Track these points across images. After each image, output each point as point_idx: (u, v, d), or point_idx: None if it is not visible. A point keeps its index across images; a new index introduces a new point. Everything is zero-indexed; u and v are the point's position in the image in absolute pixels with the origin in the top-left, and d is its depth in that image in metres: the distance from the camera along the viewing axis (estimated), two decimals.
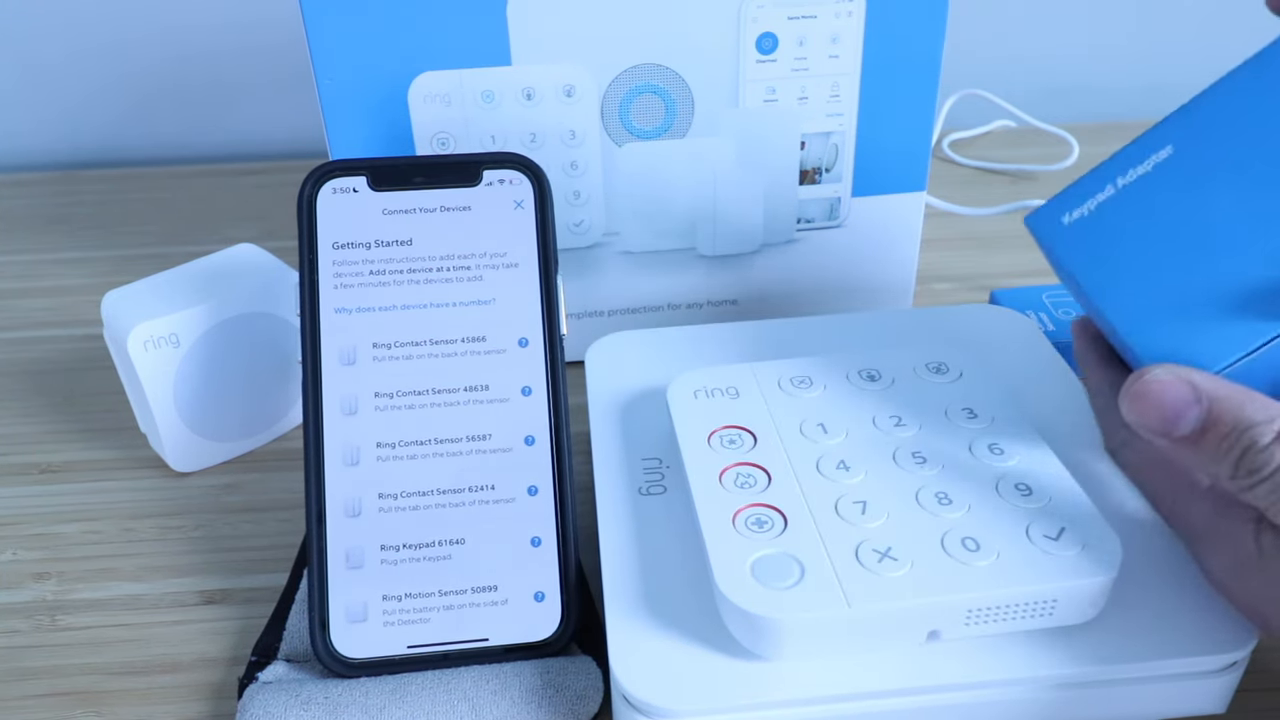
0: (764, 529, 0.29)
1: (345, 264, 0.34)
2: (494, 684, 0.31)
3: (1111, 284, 0.29)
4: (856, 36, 0.43)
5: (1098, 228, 0.29)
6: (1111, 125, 0.75)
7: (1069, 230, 0.30)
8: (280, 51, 0.73)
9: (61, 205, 0.67)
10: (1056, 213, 0.30)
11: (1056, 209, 0.30)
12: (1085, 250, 0.29)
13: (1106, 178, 0.30)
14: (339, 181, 0.35)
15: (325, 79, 0.41)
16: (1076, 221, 0.30)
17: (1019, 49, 0.78)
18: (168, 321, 0.39)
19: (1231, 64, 0.30)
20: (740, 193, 0.46)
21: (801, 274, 0.48)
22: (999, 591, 0.27)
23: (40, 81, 0.73)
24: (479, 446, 0.33)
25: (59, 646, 0.35)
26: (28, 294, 0.57)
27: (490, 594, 0.32)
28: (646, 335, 0.41)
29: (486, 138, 0.43)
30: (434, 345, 0.34)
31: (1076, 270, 0.29)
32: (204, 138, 0.76)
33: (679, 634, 0.29)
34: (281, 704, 0.30)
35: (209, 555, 0.38)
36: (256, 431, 0.43)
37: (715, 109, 0.44)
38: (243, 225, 0.64)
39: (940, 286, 0.55)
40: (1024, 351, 0.40)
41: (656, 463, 0.35)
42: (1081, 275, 0.29)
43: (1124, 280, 0.28)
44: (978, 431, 0.33)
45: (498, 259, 0.35)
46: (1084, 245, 0.29)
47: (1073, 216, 0.30)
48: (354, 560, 0.32)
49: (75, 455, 0.44)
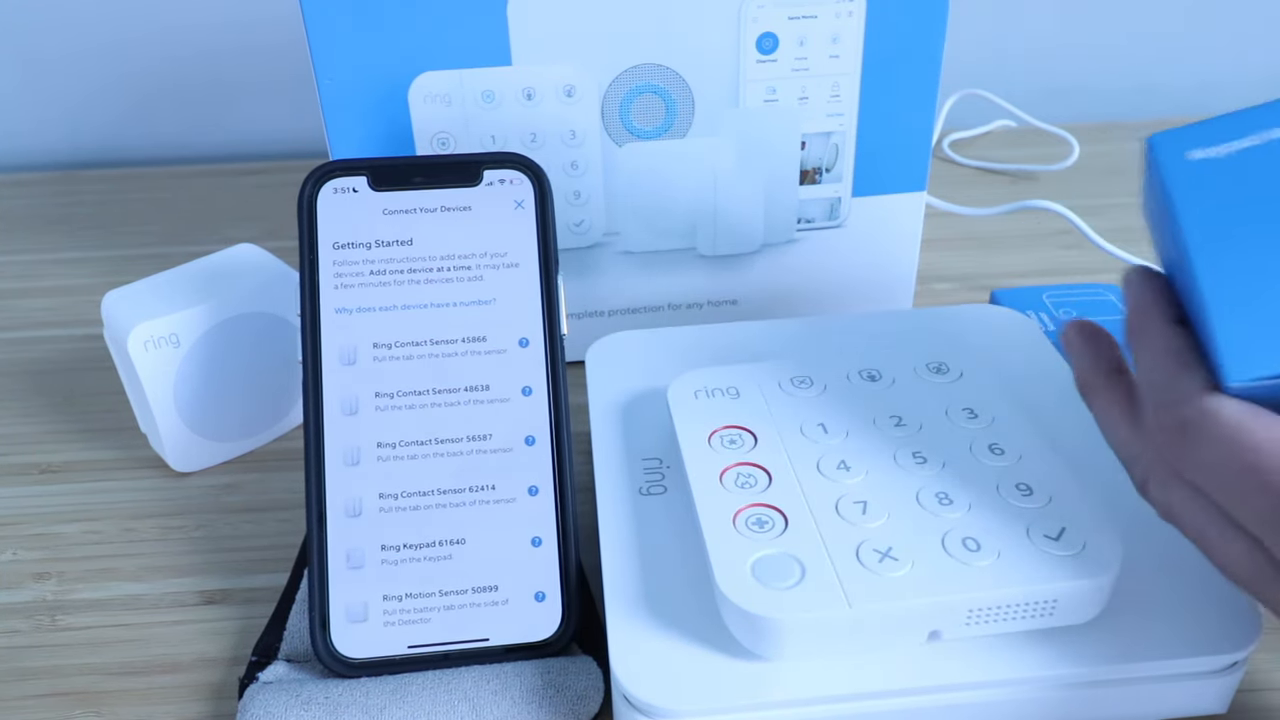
0: (764, 529, 0.29)
1: (345, 264, 0.34)
2: (494, 684, 0.31)
3: (1217, 241, 0.25)
4: (857, 36, 0.43)
5: (1226, 175, 0.26)
6: (1111, 125, 0.76)
7: (1191, 167, 0.26)
8: (280, 51, 0.73)
9: (61, 205, 0.67)
10: (1183, 143, 0.27)
11: (1184, 140, 0.26)
12: (1202, 194, 0.26)
13: (1255, 124, 0.26)
14: (339, 181, 0.35)
15: (325, 79, 0.41)
16: (1204, 161, 0.26)
17: (1019, 49, 0.78)
18: (168, 321, 0.39)
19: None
20: (740, 193, 0.46)
21: (801, 274, 0.48)
22: (999, 591, 0.27)
23: (40, 81, 0.73)
24: (479, 446, 0.33)
25: (59, 646, 0.35)
26: (28, 294, 0.57)
27: (491, 594, 0.32)
28: (646, 335, 0.41)
29: (487, 138, 0.43)
30: (434, 345, 0.34)
31: (1183, 212, 0.26)
32: (204, 138, 0.76)
33: (679, 634, 0.29)
34: (282, 704, 0.30)
35: (209, 555, 0.38)
36: (257, 431, 0.43)
37: (715, 109, 0.44)
38: (243, 225, 0.64)
39: (940, 286, 0.55)
40: (1024, 351, 0.40)
41: (657, 463, 0.35)
42: (1187, 219, 0.26)
43: (1233, 242, 0.25)
44: (978, 431, 0.33)
45: (498, 259, 0.35)
46: (1202, 188, 0.26)
47: (1202, 154, 0.26)
48: (354, 560, 0.32)
49: (75, 455, 0.44)
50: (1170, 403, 0.25)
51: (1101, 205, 0.64)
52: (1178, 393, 0.25)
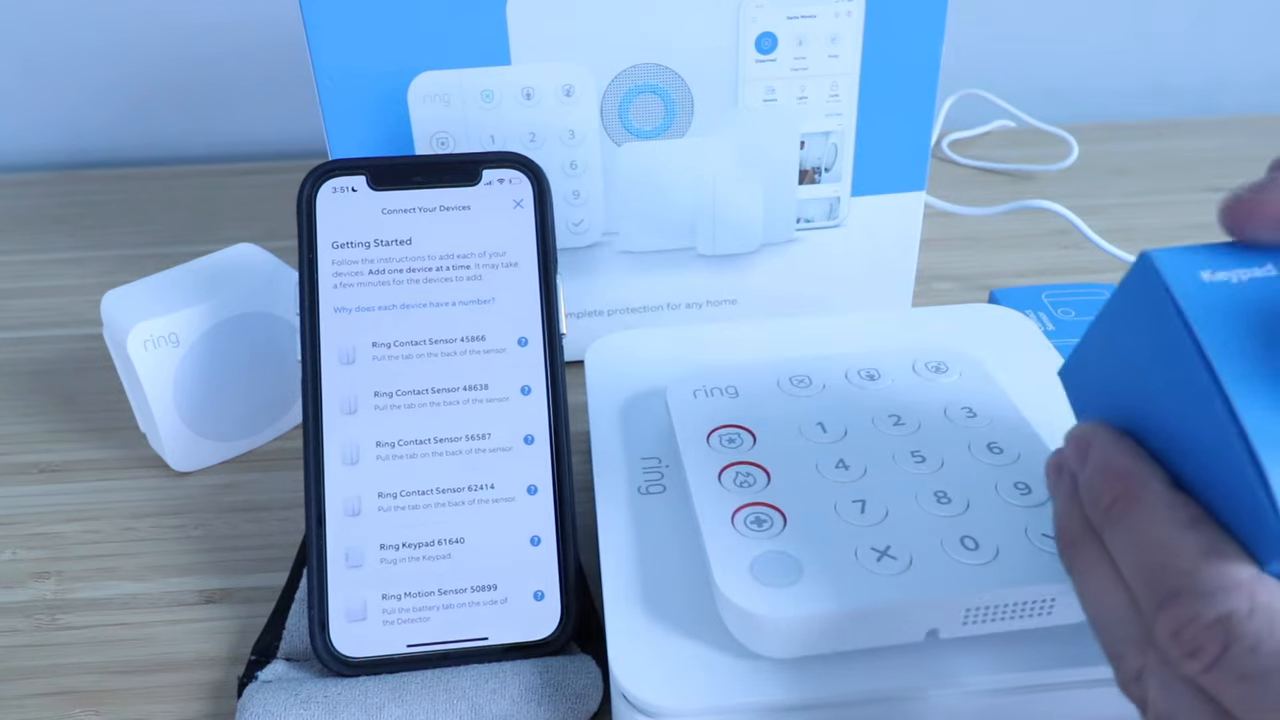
0: (763, 528, 0.29)
1: (345, 263, 0.34)
2: (493, 683, 0.31)
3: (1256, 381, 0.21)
4: (856, 36, 0.43)
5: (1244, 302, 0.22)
6: (1111, 125, 0.76)
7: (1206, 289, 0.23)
8: (280, 51, 0.73)
9: (61, 205, 0.67)
10: (1193, 264, 0.23)
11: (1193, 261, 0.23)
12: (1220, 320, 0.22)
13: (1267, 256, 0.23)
14: (338, 181, 0.35)
15: (325, 79, 0.41)
16: (1219, 284, 0.23)
17: (1019, 49, 0.78)
18: (167, 321, 0.39)
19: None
20: (739, 192, 0.46)
21: (801, 274, 0.48)
22: (997, 590, 0.27)
23: (41, 81, 0.73)
24: (478, 445, 0.34)
25: (59, 646, 0.35)
26: (28, 294, 0.57)
27: (490, 593, 0.32)
28: (646, 335, 0.41)
29: (486, 137, 0.43)
30: (433, 344, 0.34)
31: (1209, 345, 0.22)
32: (204, 138, 0.76)
33: (678, 633, 0.29)
34: (281, 703, 0.30)
35: (209, 554, 0.39)
36: (256, 431, 0.43)
37: (715, 109, 0.44)
38: (243, 225, 0.64)
39: (940, 286, 0.55)
40: (1023, 351, 0.40)
41: (656, 462, 0.35)
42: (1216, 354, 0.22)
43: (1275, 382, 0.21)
44: (976, 430, 0.33)
45: (497, 258, 0.35)
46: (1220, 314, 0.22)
47: (1214, 277, 0.23)
48: (354, 559, 0.32)
49: (75, 455, 0.44)
50: (1195, 593, 0.19)
51: (1101, 205, 0.64)
52: (1207, 580, 0.19)
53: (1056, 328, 0.47)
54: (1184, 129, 0.75)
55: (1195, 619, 0.19)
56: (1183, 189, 0.66)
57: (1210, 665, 0.19)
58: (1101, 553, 0.22)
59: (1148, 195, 0.65)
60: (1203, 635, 0.19)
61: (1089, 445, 0.23)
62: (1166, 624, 0.20)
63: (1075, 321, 0.48)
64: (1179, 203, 0.64)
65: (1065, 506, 0.24)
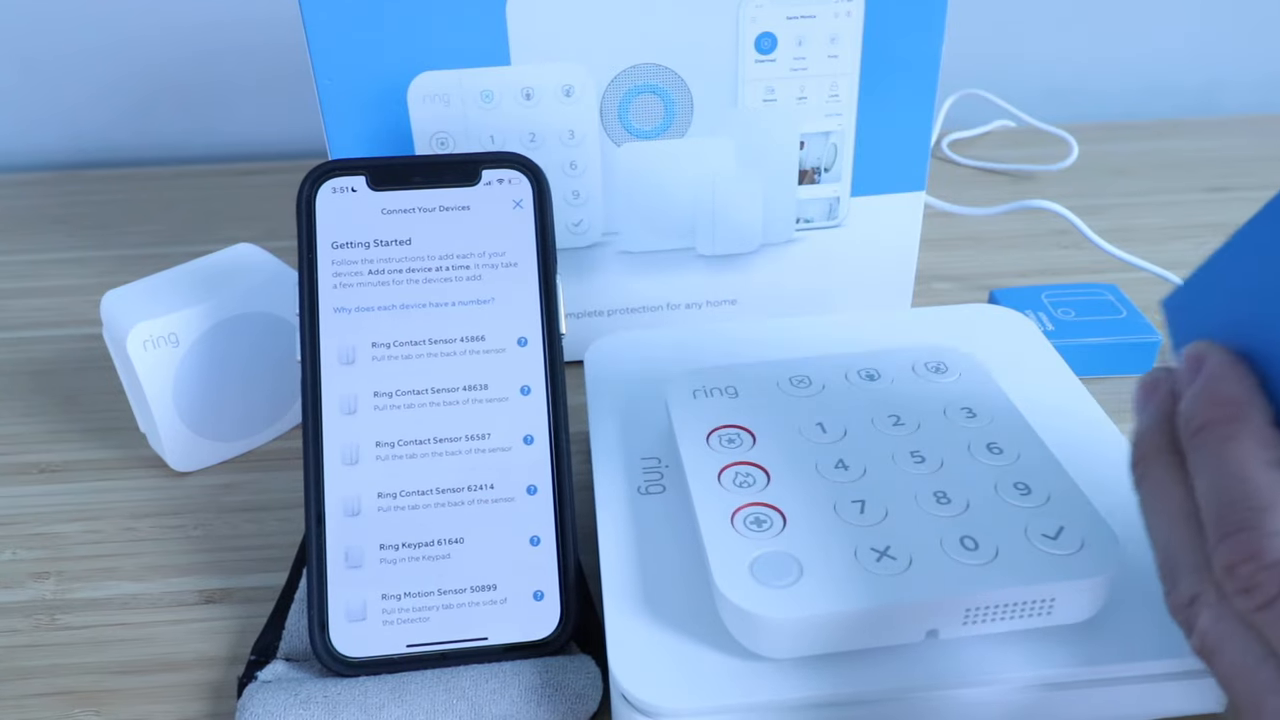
0: (763, 528, 0.29)
1: (344, 263, 0.34)
2: (493, 683, 0.31)
3: None
4: (855, 36, 0.43)
5: None
6: (1111, 125, 0.76)
7: None
8: (280, 51, 0.73)
9: (61, 205, 0.67)
10: None
11: None
12: None
13: None
14: (338, 181, 0.35)
15: (325, 79, 0.41)
16: None
17: (1019, 49, 0.78)
18: (167, 321, 0.39)
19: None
20: (739, 192, 0.46)
21: (800, 274, 0.48)
22: (997, 590, 0.27)
23: (40, 81, 0.73)
24: (478, 446, 0.33)
25: (58, 646, 0.35)
26: (28, 294, 0.57)
27: (489, 593, 0.32)
28: (646, 335, 0.42)
29: (486, 137, 0.43)
30: (433, 344, 0.34)
31: None
32: (204, 138, 0.76)
33: (678, 633, 0.29)
34: (281, 703, 0.30)
35: (209, 555, 0.39)
36: (256, 431, 0.43)
37: (714, 109, 0.44)
38: (243, 225, 0.64)
39: (940, 286, 0.55)
40: (1023, 351, 0.40)
41: (655, 462, 0.35)
42: None
43: None
44: (976, 431, 0.33)
45: (497, 258, 0.35)
46: None
47: None
48: (353, 559, 0.32)
49: (75, 455, 0.44)
50: (1263, 531, 0.19)
51: (1101, 205, 0.64)
52: (1277, 522, 0.19)
53: (1056, 328, 0.47)
54: (1184, 129, 0.75)
55: (1256, 556, 0.19)
56: (1183, 189, 0.66)
57: (1265, 604, 0.19)
58: (1178, 473, 0.22)
59: (1148, 195, 0.65)
60: (1262, 575, 0.19)
61: (1201, 364, 0.22)
62: (1225, 555, 0.20)
63: (1075, 321, 0.47)
64: (1179, 203, 0.64)
65: (1152, 421, 0.24)
